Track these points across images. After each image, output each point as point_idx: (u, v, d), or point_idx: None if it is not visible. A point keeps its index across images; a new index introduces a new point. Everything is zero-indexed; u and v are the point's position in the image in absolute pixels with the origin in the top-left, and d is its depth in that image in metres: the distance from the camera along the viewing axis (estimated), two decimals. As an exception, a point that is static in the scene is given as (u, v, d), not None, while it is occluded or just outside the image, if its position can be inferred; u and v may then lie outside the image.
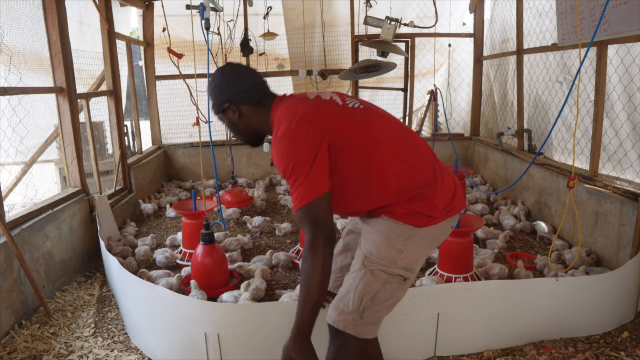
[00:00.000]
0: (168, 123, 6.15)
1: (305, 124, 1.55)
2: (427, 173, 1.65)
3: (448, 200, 1.67)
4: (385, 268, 1.63)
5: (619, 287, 2.55)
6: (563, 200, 3.75)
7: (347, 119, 1.62)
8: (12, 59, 3.15)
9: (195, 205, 3.64)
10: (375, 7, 5.14)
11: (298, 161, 1.50)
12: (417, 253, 1.67)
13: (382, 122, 1.69)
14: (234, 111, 1.73)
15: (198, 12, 3.47)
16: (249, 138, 1.81)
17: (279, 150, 1.56)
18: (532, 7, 4.41)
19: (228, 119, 1.77)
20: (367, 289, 1.63)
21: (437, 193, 1.63)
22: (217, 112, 1.78)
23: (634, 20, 2.76)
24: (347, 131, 1.59)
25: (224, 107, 1.73)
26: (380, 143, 1.62)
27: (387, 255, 1.63)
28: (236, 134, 1.81)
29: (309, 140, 1.53)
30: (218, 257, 2.98)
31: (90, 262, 3.64)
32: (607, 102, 3.34)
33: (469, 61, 5.95)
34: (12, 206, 3.45)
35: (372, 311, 1.64)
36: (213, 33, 4.18)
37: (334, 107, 1.65)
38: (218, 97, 1.74)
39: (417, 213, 1.62)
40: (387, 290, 1.64)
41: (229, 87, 1.72)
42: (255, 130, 1.77)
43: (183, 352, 2.27)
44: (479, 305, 2.35)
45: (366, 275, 1.63)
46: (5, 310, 2.58)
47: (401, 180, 1.61)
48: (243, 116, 1.73)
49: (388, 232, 1.64)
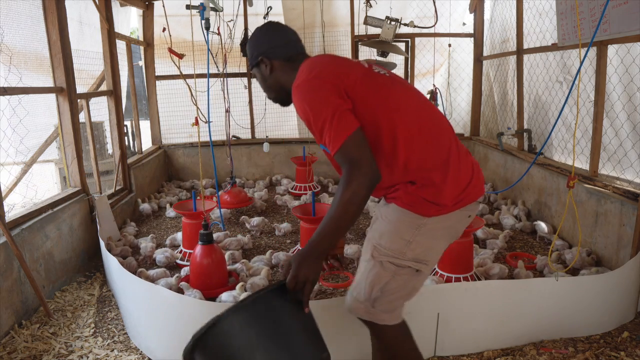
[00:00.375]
0: (168, 123, 6.15)
1: (325, 72, 1.56)
2: (440, 155, 1.59)
3: (461, 188, 1.60)
4: (393, 260, 1.59)
5: (619, 287, 2.55)
6: (563, 200, 3.75)
7: (368, 79, 1.60)
8: (12, 59, 3.15)
9: (195, 205, 3.64)
10: (375, 7, 5.14)
11: (320, 105, 1.49)
12: (428, 244, 1.61)
13: (404, 92, 1.66)
14: (266, 65, 1.73)
15: (198, 12, 3.48)
16: (277, 95, 1.79)
17: (299, 96, 1.55)
18: (532, 7, 4.41)
19: (260, 74, 1.77)
20: (376, 280, 1.60)
21: (447, 179, 1.57)
22: (251, 67, 1.80)
23: (634, 20, 2.76)
24: (365, 90, 1.57)
25: (257, 60, 1.74)
26: (398, 111, 1.58)
27: (395, 247, 1.59)
28: (266, 90, 1.81)
29: (329, 85, 1.51)
30: (217, 257, 2.98)
31: (90, 262, 3.64)
32: (607, 102, 3.34)
33: (469, 61, 5.95)
34: (12, 206, 3.44)
35: (384, 301, 1.61)
36: (213, 33, 4.17)
37: (357, 66, 1.65)
38: (253, 50, 1.76)
39: (423, 200, 1.57)
40: (397, 281, 1.61)
41: (265, 40, 1.73)
42: (282, 86, 1.74)
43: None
44: (479, 305, 2.35)
45: (375, 266, 1.61)
46: (5, 310, 2.57)
47: (411, 156, 1.56)
48: (274, 71, 1.73)
49: (396, 222, 1.60)
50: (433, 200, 1.57)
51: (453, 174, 1.59)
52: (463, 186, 1.61)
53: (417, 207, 1.58)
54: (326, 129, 1.47)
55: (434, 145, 1.60)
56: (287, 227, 4.11)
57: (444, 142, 1.62)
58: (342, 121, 1.46)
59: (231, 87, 5.21)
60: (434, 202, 1.57)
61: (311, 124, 1.53)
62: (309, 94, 1.52)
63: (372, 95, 1.57)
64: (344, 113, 1.48)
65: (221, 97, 4.79)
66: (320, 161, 5.99)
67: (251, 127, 6.19)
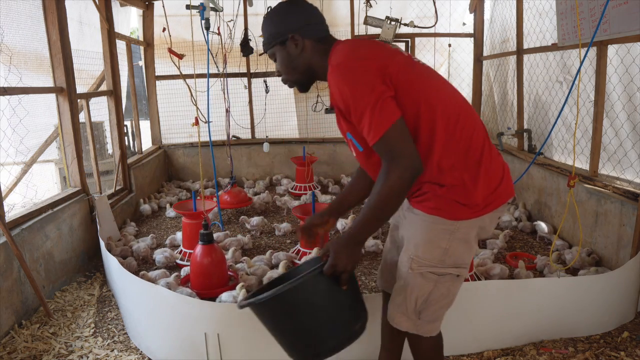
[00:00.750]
0: (168, 123, 6.15)
1: (371, 55, 1.46)
2: (474, 155, 1.52)
3: (491, 189, 1.54)
4: (433, 269, 1.56)
5: (619, 287, 2.55)
6: (563, 200, 3.75)
7: (410, 67, 1.51)
8: (12, 59, 3.15)
9: (195, 205, 3.64)
10: (375, 7, 5.14)
11: (363, 89, 1.40)
12: (463, 247, 1.57)
13: (444, 85, 1.57)
14: (297, 43, 1.56)
15: (198, 12, 3.47)
16: (301, 77, 1.64)
17: (340, 76, 1.44)
18: (532, 7, 4.41)
19: (286, 53, 1.59)
20: (419, 292, 1.58)
21: (478, 180, 1.51)
22: (275, 44, 1.59)
23: (634, 20, 2.76)
24: (408, 79, 1.47)
25: (286, 37, 1.56)
26: (438, 105, 1.49)
27: (433, 256, 1.55)
28: (288, 71, 1.63)
29: (374, 69, 1.42)
30: (217, 257, 2.98)
31: (90, 262, 3.64)
32: (607, 102, 3.34)
33: (469, 61, 5.95)
34: (12, 206, 3.45)
35: (429, 311, 1.60)
36: (213, 33, 4.18)
37: (399, 53, 1.55)
38: (280, 26, 1.57)
39: (454, 202, 1.50)
40: (440, 290, 1.58)
41: (296, 17, 1.57)
42: (311, 69, 1.60)
43: (183, 352, 2.26)
44: (479, 305, 2.35)
45: (416, 278, 1.57)
46: (5, 310, 2.57)
47: (445, 154, 1.49)
48: (304, 51, 1.58)
49: (429, 230, 1.55)
50: (463, 201, 1.51)
51: (484, 174, 1.52)
52: (493, 187, 1.55)
53: (446, 211, 1.52)
54: (367, 116, 1.40)
55: (469, 143, 1.52)
56: (287, 227, 4.11)
57: (478, 141, 1.55)
58: (384, 109, 1.39)
59: (231, 87, 5.22)
60: (464, 204, 1.51)
61: (349, 107, 1.43)
62: (353, 76, 1.42)
63: (414, 86, 1.48)
64: (387, 101, 1.40)
65: (221, 97, 4.79)
66: (320, 161, 5.99)
67: (251, 127, 6.20)
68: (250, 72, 5.96)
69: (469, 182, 1.50)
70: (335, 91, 1.46)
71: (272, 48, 1.62)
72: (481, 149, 1.54)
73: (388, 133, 1.38)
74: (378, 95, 1.39)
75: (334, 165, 6.13)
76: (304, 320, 1.44)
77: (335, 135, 6.14)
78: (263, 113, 5.92)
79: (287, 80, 1.67)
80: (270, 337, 1.53)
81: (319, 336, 1.45)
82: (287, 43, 1.57)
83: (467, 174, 1.50)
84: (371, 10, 4.89)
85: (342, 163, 6.10)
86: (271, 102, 5.94)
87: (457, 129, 1.51)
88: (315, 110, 5.46)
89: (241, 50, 5.24)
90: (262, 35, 1.64)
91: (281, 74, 1.66)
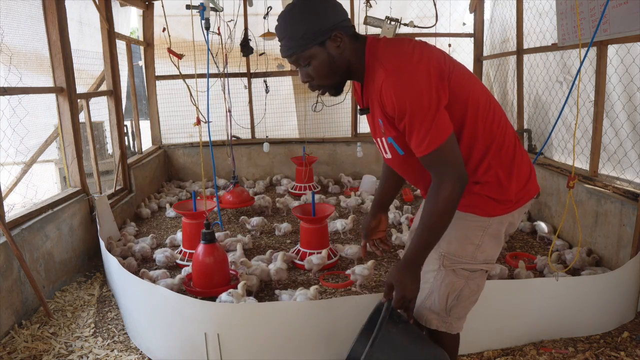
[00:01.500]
0: (168, 123, 6.15)
1: (427, 57, 1.38)
2: (508, 154, 1.53)
3: (522, 184, 1.56)
4: (466, 265, 1.56)
5: (619, 287, 2.55)
6: (563, 200, 3.75)
7: (457, 68, 1.47)
8: (12, 59, 3.15)
9: (195, 205, 3.64)
10: (375, 7, 5.14)
11: (422, 95, 1.33)
12: (494, 243, 1.58)
13: (478, 83, 1.54)
14: (339, 43, 1.41)
15: (198, 12, 3.47)
16: (341, 80, 1.50)
17: (398, 81, 1.34)
18: (532, 7, 4.41)
19: (327, 55, 1.41)
20: (451, 289, 1.58)
21: (512, 177, 1.52)
22: (312, 45, 1.39)
23: (634, 20, 2.76)
24: (458, 81, 1.43)
25: (328, 35, 1.38)
26: (479, 109, 1.47)
27: (466, 253, 1.56)
28: (328, 76, 1.45)
29: (435, 71, 1.37)
30: (219, 256, 2.98)
31: (90, 262, 3.64)
32: (607, 102, 3.34)
33: (469, 61, 5.95)
34: (12, 206, 3.45)
35: (459, 308, 1.61)
36: (213, 33, 4.18)
37: (443, 52, 1.49)
38: (317, 23, 1.37)
39: (488, 199, 1.52)
40: (471, 286, 1.59)
41: (333, 11, 1.40)
42: (349, 70, 1.47)
43: (183, 352, 2.26)
44: (479, 305, 2.33)
45: (448, 275, 1.57)
46: (5, 310, 2.57)
47: (485, 156, 1.49)
48: (346, 49, 1.43)
49: (462, 227, 1.55)
50: (498, 197, 1.52)
51: (517, 170, 1.54)
52: (524, 183, 1.57)
53: (480, 207, 1.53)
54: (423, 127, 1.35)
55: (503, 140, 1.52)
56: (287, 227, 4.11)
57: (510, 137, 1.56)
58: (440, 122, 1.36)
59: (231, 87, 5.22)
60: (498, 200, 1.52)
61: (403, 115, 1.36)
62: (413, 82, 1.34)
63: (463, 88, 1.45)
64: (442, 112, 1.37)
65: (221, 97, 4.79)
66: (320, 161, 5.99)
67: (251, 127, 6.20)
68: (250, 72, 5.96)
69: (504, 179, 1.51)
70: (390, 98, 1.36)
71: (307, 50, 1.40)
72: (514, 146, 1.56)
73: (442, 147, 1.37)
74: (436, 107, 1.36)
75: (333, 165, 6.13)
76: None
77: (335, 135, 6.14)
78: (263, 113, 5.92)
79: (320, 86, 1.49)
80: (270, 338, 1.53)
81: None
82: (327, 43, 1.40)
83: (501, 170, 1.51)
84: (371, 10, 4.88)
85: (342, 163, 6.10)
86: (271, 102, 5.94)
87: (494, 127, 1.51)
88: (315, 111, 5.46)
89: (241, 50, 5.24)
90: (283, 38, 1.42)
91: (312, 79, 1.46)
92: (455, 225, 1.54)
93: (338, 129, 6.15)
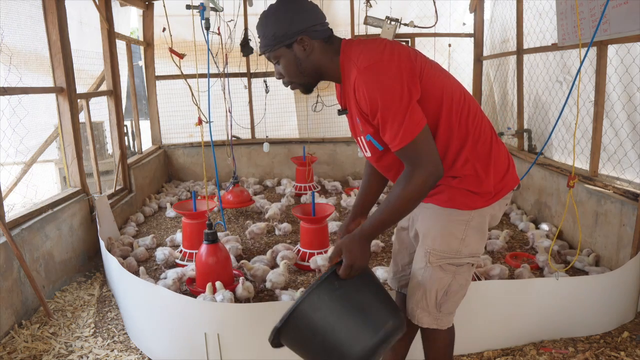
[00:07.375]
0: (168, 123, 6.15)
1: (399, 53, 1.43)
2: (485, 148, 1.56)
3: (500, 177, 1.59)
4: (452, 260, 1.59)
5: (619, 287, 2.55)
6: (563, 200, 3.75)
7: (429, 65, 1.50)
8: (12, 59, 3.15)
9: (196, 205, 3.63)
10: (375, 7, 5.14)
11: (393, 92, 1.37)
12: (478, 236, 1.61)
13: (451, 80, 1.57)
14: (305, 46, 1.49)
15: (198, 12, 3.47)
16: (309, 80, 1.57)
17: (370, 79, 1.39)
18: (532, 7, 4.41)
19: (293, 56, 1.51)
20: (439, 285, 1.60)
21: (489, 170, 1.56)
22: (279, 46, 1.50)
23: (634, 20, 2.76)
24: (429, 78, 1.47)
25: (293, 39, 1.48)
26: (452, 104, 1.51)
27: (451, 248, 1.58)
28: (296, 75, 1.55)
29: (406, 68, 1.40)
30: (222, 256, 2.98)
31: (90, 262, 3.64)
32: (607, 102, 3.34)
33: (469, 61, 5.95)
34: (12, 206, 3.45)
35: (449, 303, 1.64)
36: (213, 33, 4.17)
37: (417, 51, 1.54)
38: (285, 27, 1.47)
39: (467, 192, 1.54)
40: (458, 280, 1.62)
41: (302, 17, 1.48)
42: (320, 71, 1.55)
43: (183, 352, 2.27)
44: (479, 305, 2.35)
45: (435, 271, 1.60)
46: (5, 310, 2.58)
47: (462, 151, 1.52)
48: (314, 52, 1.51)
49: (444, 222, 1.58)
50: (476, 190, 1.55)
51: (494, 163, 1.57)
52: (502, 175, 1.60)
53: (460, 201, 1.55)
54: (396, 122, 1.39)
55: (479, 134, 1.56)
56: (287, 227, 4.11)
57: (487, 133, 1.59)
58: (413, 116, 1.39)
59: (231, 87, 5.22)
60: (477, 193, 1.55)
61: (376, 111, 1.41)
62: (385, 79, 1.38)
63: (436, 85, 1.48)
64: (415, 106, 1.40)
65: (221, 97, 4.79)
66: (320, 161, 5.99)
67: (251, 127, 6.20)
68: (250, 72, 5.96)
69: (481, 172, 1.55)
70: (363, 95, 1.42)
71: (275, 50, 1.52)
72: (490, 139, 1.59)
73: (416, 140, 1.40)
74: (408, 101, 1.39)
75: (334, 165, 6.13)
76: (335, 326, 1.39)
77: (335, 135, 6.14)
78: (263, 113, 5.92)
79: (290, 83, 1.59)
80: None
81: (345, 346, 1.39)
82: (293, 46, 1.50)
83: (479, 163, 1.55)
84: (371, 10, 4.88)
85: (342, 163, 6.10)
86: (271, 102, 5.93)
87: (469, 122, 1.54)
88: (315, 111, 5.46)
89: (241, 50, 5.24)
90: (259, 36, 1.56)
91: (283, 76, 1.57)
92: (438, 222, 1.59)
93: (338, 129, 6.16)
